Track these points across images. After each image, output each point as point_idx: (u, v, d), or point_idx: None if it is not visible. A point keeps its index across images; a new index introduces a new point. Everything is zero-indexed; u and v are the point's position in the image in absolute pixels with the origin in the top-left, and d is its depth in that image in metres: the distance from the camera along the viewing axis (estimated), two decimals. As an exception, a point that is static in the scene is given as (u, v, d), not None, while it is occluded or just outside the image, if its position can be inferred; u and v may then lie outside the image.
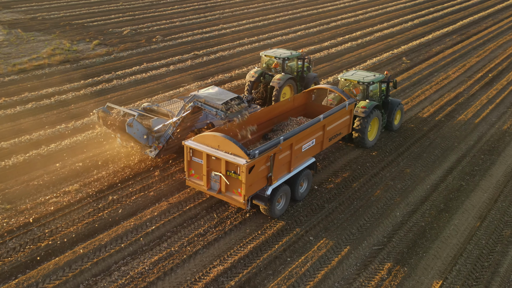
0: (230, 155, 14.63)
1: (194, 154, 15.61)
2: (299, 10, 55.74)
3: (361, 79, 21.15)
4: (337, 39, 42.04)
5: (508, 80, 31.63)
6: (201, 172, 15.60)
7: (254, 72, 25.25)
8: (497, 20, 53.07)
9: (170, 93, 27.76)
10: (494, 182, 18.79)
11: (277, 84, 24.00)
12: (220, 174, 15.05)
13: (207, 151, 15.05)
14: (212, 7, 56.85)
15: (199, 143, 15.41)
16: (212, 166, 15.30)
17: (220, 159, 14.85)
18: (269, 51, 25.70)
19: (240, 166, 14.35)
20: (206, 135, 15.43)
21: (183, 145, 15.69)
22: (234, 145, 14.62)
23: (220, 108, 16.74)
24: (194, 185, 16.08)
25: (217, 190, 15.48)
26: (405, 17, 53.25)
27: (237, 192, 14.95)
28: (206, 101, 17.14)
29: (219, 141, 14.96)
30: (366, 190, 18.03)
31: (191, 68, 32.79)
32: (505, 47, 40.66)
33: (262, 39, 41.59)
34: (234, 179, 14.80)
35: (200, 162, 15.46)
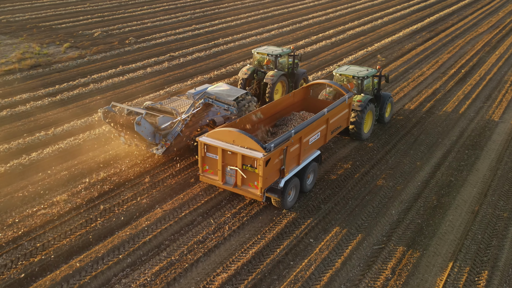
0: (246, 149, 14.91)
1: (208, 149, 15.79)
2: (270, 9, 55.61)
3: (356, 74, 21.78)
4: (311, 38, 42.09)
5: (481, 75, 32.34)
6: (216, 167, 15.84)
7: (247, 69, 25.49)
8: (461, 17, 54.33)
9: (151, 96, 27.11)
10: (481, 177, 19.09)
11: (270, 80, 24.34)
12: (236, 168, 15.29)
13: (223, 146, 15.26)
14: (182, 7, 56.05)
15: (214, 139, 15.60)
16: (227, 161, 15.54)
17: (236, 154, 15.12)
18: (260, 48, 25.98)
19: (257, 159, 14.63)
20: (220, 130, 15.63)
21: (197, 141, 15.85)
22: (250, 139, 14.92)
23: (232, 104, 17.20)
24: (209, 180, 16.26)
25: (232, 184, 15.73)
26: (374, 15, 53.89)
27: (253, 185, 15.28)
28: (217, 97, 17.43)
29: (235, 136, 15.19)
30: (359, 190, 18.00)
31: (169, 70, 32.15)
32: (473, 43, 41.61)
33: (236, 39, 41.23)
34: (251, 172, 15.10)
35: (215, 158, 15.69)
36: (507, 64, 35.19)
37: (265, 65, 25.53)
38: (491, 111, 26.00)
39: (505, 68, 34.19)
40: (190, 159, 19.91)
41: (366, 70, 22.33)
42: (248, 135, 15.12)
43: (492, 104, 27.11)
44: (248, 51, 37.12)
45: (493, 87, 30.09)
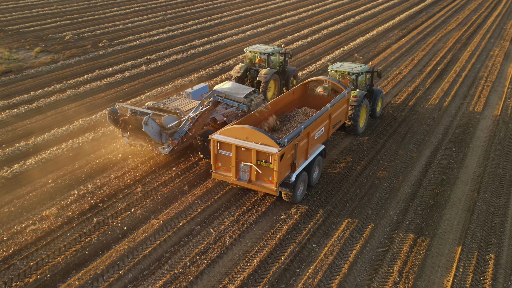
0: (261, 145, 15.18)
1: (221, 147, 15.95)
2: (242, 9, 55.17)
3: (351, 70, 22.32)
4: (287, 38, 41.90)
5: (456, 72, 32.84)
6: (229, 164, 16.03)
7: (239, 68, 25.89)
8: (430, 14, 55.24)
9: (132, 101, 26.30)
10: (471, 174, 19.25)
11: (264, 78, 24.67)
12: (251, 164, 15.53)
13: (237, 143, 15.46)
14: (153, 8, 54.98)
15: (227, 136, 15.77)
16: (241, 157, 15.77)
17: (250, 150, 15.40)
18: (252, 47, 26.35)
19: (272, 154, 14.98)
20: (233, 127, 15.81)
21: (210, 139, 15.96)
22: (264, 135, 15.23)
23: (243, 101, 17.68)
24: (222, 177, 16.51)
25: (247, 180, 15.97)
26: (346, 13, 54.19)
27: (268, 180, 15.59)
28: (226, 95, 17.84)
29: (248, 132, 15.42)
30: (355, 191, 17.85)
31: (147, 74, 31.34)
32: (444, 40, 42.30)
33: (212, 40, 40.65)
34: (265, 167, 15.43)
35: (228, 155, 15.90)
36: (479, 61, 35.86)
37: (257, 63, 25.86)
38: (471, 108, 26.37)
39: (478, 65, 34.83)
40: (181, 165, 19.35)
41: (359, 67, 22.89)
42: (261, 131, 15.40)
43: (471, 100, 27.51)
44: (226, 53, 36.62)
45: (469, 83, 30.57)
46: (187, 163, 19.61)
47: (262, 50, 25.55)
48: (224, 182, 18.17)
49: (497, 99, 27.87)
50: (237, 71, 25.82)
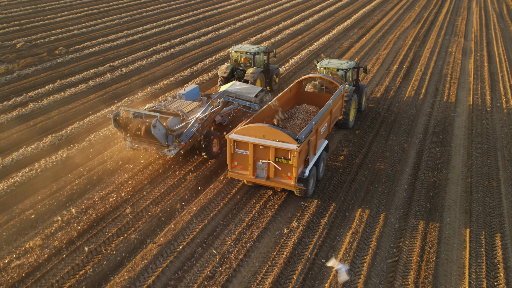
0: (279, 142, 15.46)
1: (238, 146, 16.09)
2: (199, 11, 53.90)
3: (339, 66, 23.16)
4: (250, 39, 41.16)
5: (422, 70, 33.24)
6: (246, 162, 16.21)
7: (226, 68, 25.95)
8: (384, 12, 56.05)
9: (103, 112, 24.73)
10: (460, 174, 19.28)
11: (251, 77, 24.77)
12: (269, 162, 15.79)
13: (254, 142, 15.69)
14: (106, 11, 52.70)
15: (243, 135, 15.93)
16: (258, 155, 15.98)
17: (268, 147, 15.64)
18: (236, 47, 26.71)
19: (291, 151, 15.30)
20: (249, 127, 15.98)
21: (226, 138, 16.06)
22: (281, 132, 15.56)
23: (254, 100, 18.04)
24: (238, 176, 16.71)
25: (265, 177, 16.21)
26: (304, 13, 54.06)
27: (286, 176, 15.90)
28: (237, 95, 18.00)
29: (265, 130, 15.69)
30: (352, 199, 17.41)
31: (114, 82, 29.72)
32: (403, 38, 42.91)
33: (175, 44, 39.30)
34: (283, 164, 15.70)
35: (245, 153, 16.07)
36: (440, 58, 36.53)
37: (242, 62, 26.21)
38: (444, 106, 26.64)
39: (440, 62, 35.46)
40: (168, 181, 18.25)
41: (346, 63, 23.65)
42: (279, 128, 15.73)
43: (442, 98, 27.83)
44: (191, 57, 35.42)
45: (436, 81, 30.99)
46: (174, 178, 18.53)
47: (247, 49, 25.95)
48: (218, 197, 17.27)
49: (466, 95, 28.34)
50: (224, 71, 25.76)
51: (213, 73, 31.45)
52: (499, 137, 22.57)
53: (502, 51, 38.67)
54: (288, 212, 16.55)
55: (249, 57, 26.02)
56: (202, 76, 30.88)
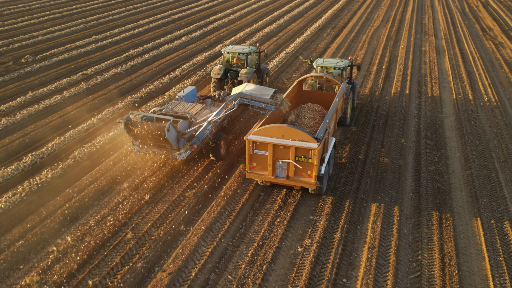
0: (299, 142, 15.73)
1: (257, 147, 16.29)
2: (168, 13, 52.32)
3: (335, 65, 23.52)
4: (224, 42, 40.12)
5: (401, 70, 33.16)
6: (266, 163, 16.46)
7: (218, 69, 25.61)
8: (352, 12, 56.13)
9: (84, 126, 23.19)
10: (461, 178, 19.04)
11: (245, 78, 24.76)
12: (289, 161, 16.05)
13: (274, 142, 15.93)
14: (70, 15, 50.33)
15: (262, 136, 16.11)
16: (278, 155, 16.23)
17: (288, 147, 15.91)
18: (228, 47, 26.62)
19: (312, 149, 15.66)
20: (268, 127, 16.15)
21: (245, 140, 16.23)
22: (301, 132, 15.80)
23: (270, 102, 17.95)
24: (257, 177, 16.90)
25: (285, 177, 16.47)
26: (274, 13, 53.40)
27: (306, 175, 16.23)
28: (252, 97, 17.95)
29: (284, 130, 15.89)
30: (359, 211, 16.82)
31: (90, 92, 28.09)
32: (376, 38, 42.94)
33: (148, 49, 37.79)
34: (304, 163, 16.01)
35: (264, 154, 16.32)
36: (416, 57, 36.66)
37: (234, 63, 26.05)
38: (430, 107, 26.52)
39: (417, 62, 35.56)
40: (166, 200, 17.11)
41: (341, 61, 24.13)
42: (298, 128, 15.96)
43: (426, 99, 27.73)
44: (167, 63, 34.06)
45: (417, 81, 30.96)
46: (172, 196, 17.41)
47: (240, 50, 26.01)
48: (222, 215, 16.31)
49: (449, 95, 28.38)
50: (217, 72, 25.48)
51: (193, 79, 30.28)
52: (490, 138, 22.55)
53: (473, 49, 39.21)
54: (298, 228, 15.78)
55: (241, 58, 26.01)
56: (183, 82, 29.68)
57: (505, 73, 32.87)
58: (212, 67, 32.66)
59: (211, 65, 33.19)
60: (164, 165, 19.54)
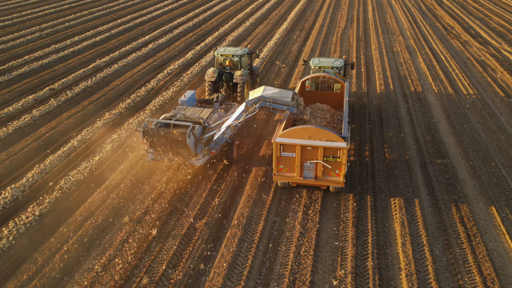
0: (327, 142, 15.94)
1: (284, 149, 16.35)
2: (127, 18, 49.82)
3: (332, 64, 23.74)
4: (195, 48, 38.26)
5: (380, 73, 32.63)
6: (293, 164, 16.59)
7: (213, 72, 24.96)
8: (315, 12, 55.57)
9: (64, 150, 20.91)
10: (473, 188, 18.44)
11: (241, 80, 24.61)
12: (318, 161, 16.24)
13: (302, 143, 16.07)
14: (21, 22, 46.69)
15: (289, 138, 16.18)
16: (306, 156, 16.36)
17: (317, 147, 16.11)
18: (220, 50, 26.20)
19: (341, 149, 15.97)
20: (294, 129, 16.24)
21: (273, 143, 16.30)
22: (328, 132, 15.97)
23: (292, 104, 17.88)
24: (284, 179, 17.04)
25: (313, 177, 16.62)
26: (237, 16, 51.88)
27: (334, 174, 16.51)
28: (273, 100, 17.68)
29: (311, 131, 16.04)
30: (383, 231, 15.80)
31: (62, 110, 25.65)
32: (346, 39, 42.44)
33: (115, 58, 35.33)
34: (332, 162, 16.26)
35: (291, 156, 16.44)
36: (391, 59, 36.32)
37: (227, 65, 25.58)
38: (420, 111, 26.01)
39: (392, 63, 35.21)
40: (175, 233, 15.40)
41: (337, 60, 24.28)
42: (325, 128, 16.14)
43: (414, 103, 27.21)
44: (140, 73, 31.90)
45: (399, 84, 30.50)
46: (181, 228, 15.75)
47: (233, 52, 25.70)
48: (242, 247, 14.86)
49: (434, 98, 28.03)
50: (211, 75, 24.85)
51: (172, 90, 28.38)
52: (487, 142, 22.22)
53: (442, 48, 39.40)
54: (327, 257, 14.56)
55: (234, 60, 25.58)
56: (162, 95, 27.72)
57: (479, 72, 33.04)
58: (189, 77, 30.88)
59: (187, 74, 31.36)
60: (165, 191, 17.78)
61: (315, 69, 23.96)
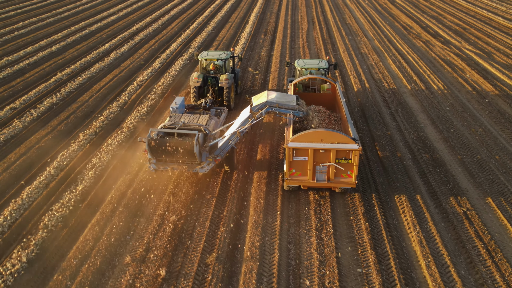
0: (339, 144, 16.12)
1: (296, 153, 16.38)
2: (82, 25, 46.87)
3: (318, 66, 24.02)
4: (160, 56, 36.34)
5: (355, 76, 32.20)
6: (306, 168, 16.64)
7: (197, 77, 24.39)
8: (275, 14, 54.73)
9: (42, 179, 18.78)
10: (479, 198, 18.07)
11: (226, 84, 24.18)
12: (330, 164, 16.41)
13: (315, 147, 16.16)
14: (-35, 33, 42.80)
15: (302, 142, 16.25)
16: (318, 159, 16.49)
17: (329, 150, 16.27)
18: (203, 54, 25.67)
19: (353, 150, 16.19)
20: (306, 133, 16.28)
21: (286, 147, 16.28)
22: (339, 134, 16.17)
23: (298, 108, 17.86)
24: (297, 183, 17.06)
25: (325, 180, 16.78)
26: (197, 20, 50.14)
27: (346, 175, 16.73)
28: (279, 105, 17.56)
29: (323, 135, 16.15)
30: (404, 254, 15.05)
31: (30, 132, 23.27)
32: (312, 42, 41.84)
33: (76, 70, 32.89)
34: (345, 164, 16.49)
35: (304, 159, 16.47)
36: (361, 62, 36.03)
37: (211, 70, 25.06)
38: (404, 117, 25.61)
39: (364, 66, 34.90)
40: (186, 272, 13.93)
41: (321, 61, 24.62)
42: (337, 131, 16.26)
43: (397, 108, 26.80)
44: (108, 86, 29.70)
45: (376, 88, 30.12)
46: (191, 266, 14.29)
47: (217, 56, 25.29)
48: (261, 284, 13.57)
49: (414, 102, 27.82)
50: (196, 80, 24.21)
51: (146, 104, 26.54)
52: (477, 147, 22.10)
53: (407, 48, 39.56)
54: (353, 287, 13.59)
55: (219, 64, 25.07)
56: (137, 110, 25.83)
57: (449, 73, 33.30)
58: (161, 88, 29.10)
59: (159, 86, 29.54)
60: (164, 222, 16.23)
61: (302, 70, 23.90)
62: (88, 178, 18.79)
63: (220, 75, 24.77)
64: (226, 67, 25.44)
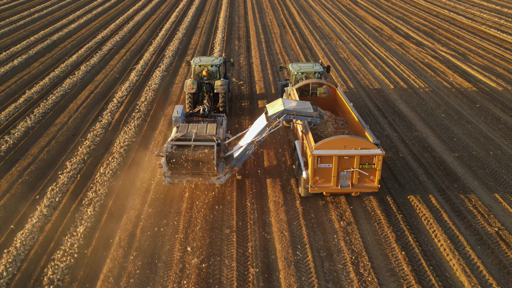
0: (363, 150, 16.08)
1: (320, 161, 16.19)
2: (41, 34, 43.47)
3: (313, 69, 23.97)
4: (135, 68, 34.01)
5: (342, 84, 31.30)
6: (329, 175, 16.48)
7: (191, 83, 23.66)
8: (243, 18, 53.23)
9: (33, 222, 16.43)
10: (503, 213, 17.42)
11: (222, 89, 23.67)
12: (354, 170, 16.29)
13: (339, 153, 16.07)
14: None
15: (326, 149, 16.10)
16: (342, 165, 16.34)
17: (353, 156, 16.13)
18: (196, 60, 25.09)
19: (377, 155, 16.15)
20: (329, 140, 16.16)
21: (310, 155, 16.02)
22: (362, 140, 16.19)
23: (315, 115, 17.28)
24: (321, 190, 16.85)
25: (349, 186, 16.69)
26: (164, 26, 47.81)
27: (369, 180, 16.67)
28: (297, 112, 17.11)
29: (345, 141, 16.11)
30: (424, 274, 14.05)
31: (7, 164, 20.66)
32: (288, 46, 40.73)
33: (47, 86, 30.11)
34: (368, 169, 16.40)
35: (328, 166, 16.31)
36: (344, 67, 35.20)
37: (204, 76, 24.36)
38: (403, 126, 24.84)
39: (347, 72, 34.10)
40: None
41: (315, 65, 24.57)
42: (360, 137, 16.36)
43: (394, 118, 26.01)
44: (86, 104, 27.23)
45: (367, 96, 29.33)
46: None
47: (210, 62, 24.79)
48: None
49: (408, 110, 27.14)
50: (191, 87, 23.51)
51: (133, 124, 24.37)
52: (486, 157, 21.57)
53: (384, 51, 39.13)
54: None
55: (212, 70, 24.42)
56: (124, 131, 23.62)
57: (432, 76, 33.01)
58: (145, 105, 26.97)
59: (142, 102, 27.35)
60: (185, 266, 14.44)
61: (299, 74, 23.80)
62: (88, 217, 16.66)
63: (214, 81, 24.16)
64: (220, 72, 24.74)
